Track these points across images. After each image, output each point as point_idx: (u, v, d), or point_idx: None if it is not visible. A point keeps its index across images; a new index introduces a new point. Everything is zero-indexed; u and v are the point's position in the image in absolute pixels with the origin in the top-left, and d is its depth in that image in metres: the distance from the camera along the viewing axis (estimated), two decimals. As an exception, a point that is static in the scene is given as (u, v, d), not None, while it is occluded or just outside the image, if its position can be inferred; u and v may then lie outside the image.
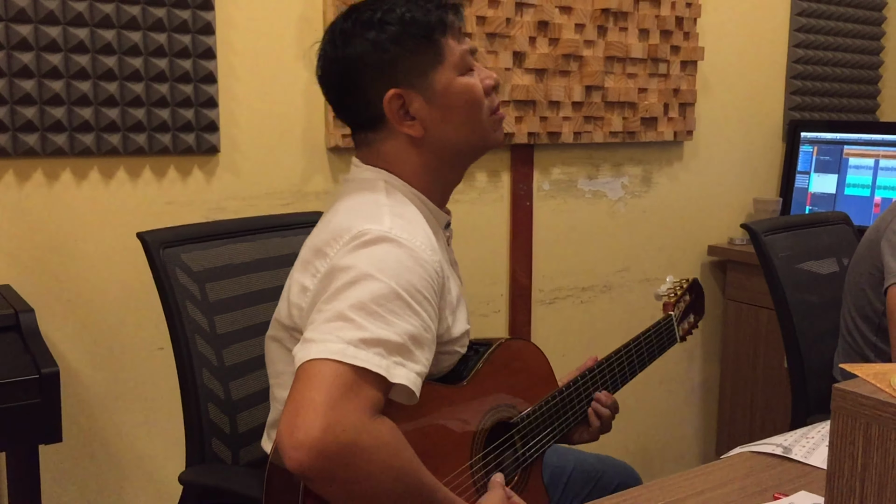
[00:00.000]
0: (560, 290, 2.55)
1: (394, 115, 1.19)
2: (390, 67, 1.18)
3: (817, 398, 1.94)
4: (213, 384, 1.43)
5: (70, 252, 1.82)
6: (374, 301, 1.02)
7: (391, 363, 1.01)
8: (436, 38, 1.19)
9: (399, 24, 1.18)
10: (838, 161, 2.86)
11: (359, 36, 1.19)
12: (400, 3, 1.20)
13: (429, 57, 1.19)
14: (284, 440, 0.95)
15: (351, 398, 0.96)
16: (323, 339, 1.00)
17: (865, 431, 0.67)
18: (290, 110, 2.03)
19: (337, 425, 0.94)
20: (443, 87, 1.19)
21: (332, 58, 1.22)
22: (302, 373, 0.99)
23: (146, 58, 1.82)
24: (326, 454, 0.93)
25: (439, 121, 1.20)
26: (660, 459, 2.83)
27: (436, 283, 1.11)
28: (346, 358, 0.98)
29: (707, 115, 2.79)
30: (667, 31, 2.58)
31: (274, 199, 2.03)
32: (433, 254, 1.13)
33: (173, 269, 1.42)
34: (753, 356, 2.82)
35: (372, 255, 1.06)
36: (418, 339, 1.05)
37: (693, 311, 1.63)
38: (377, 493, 0.98)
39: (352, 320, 1.00)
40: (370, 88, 1.19)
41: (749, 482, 1.13)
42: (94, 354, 1.86)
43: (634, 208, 2.67)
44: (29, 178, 1.76)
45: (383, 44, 1.17)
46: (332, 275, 1.07)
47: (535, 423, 1.31)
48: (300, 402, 0.96)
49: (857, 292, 1.86)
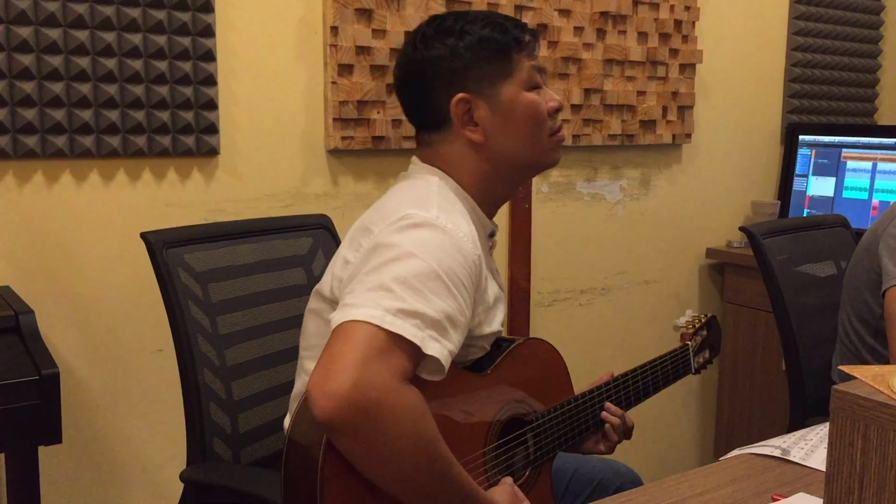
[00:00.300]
0: (559, 292, 2.55)
1: (459, 118, 1.25)
2: (462, 73, 1.25)
3: (815, 400, 1.95)
4: (214, 384, 1.44)
5: (70, 254, 1.82)
6: (415, 277, 1.06)
7: (426, 336, 1.04)
8: (509, 52, 1.26)
9: (477, 35, 1.25)
10: (836, 164, 2.87)
11: (438, 41, 1.26)
12: (480, 17, 1.27)
13: (500, 69, 1.25)
14: (315, 390, 0.98)
15: (383, 360, 1.00)
16: (362, 304, 1.03)
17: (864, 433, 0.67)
18: (289, 112, 2.04)
19: (367, 382, 0.97)
20: (509, 99, 1.25)
21: (410, 58, 1.28)
22: (339, 331, 1.02)
23: (146, 60, 1.82)
24: (354, 407, 0.97)
25: (501, 131, 1.25)
26: (658, 462, 2.83)
27: (473, 274, 1.16)
28: (384, 323, 1.01)
29: (705, 117, 2.80)
30: (665, 34, 2.59)
31: (273, 201, 2.04)
32: (474, 248, 1.17)
33: (176, 269, 1.43)
34: (751, 359, 2.82)
35: (416, 237, 1.11)
36: (453, 320, 1.08)
37: (709, 347, 1.66)
38: (397, 455, 1.01)
39: (392, 291, 1.04)
40: (441, 90, 1.25)
41: (748, 484, 1.13)
42: (94, 356, 1.87)
43: (633, 211, 2.68)
44: (29, 180, 1.77)
45: (459, 50, 1.24)
46: (375, 250, 1.12)
47: (550, 424, 1.33)
48: (334, 356, 1.00)
49: (854, 295, 1.87)
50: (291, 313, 1.59)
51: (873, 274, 1.79)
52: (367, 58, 2.07)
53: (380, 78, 2.09)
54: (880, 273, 1.75)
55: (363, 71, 2.07)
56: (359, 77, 2.07)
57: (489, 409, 1.24)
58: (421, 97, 1.28)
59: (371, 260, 1.10)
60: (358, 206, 2.15)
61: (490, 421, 1.24)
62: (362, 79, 2.07)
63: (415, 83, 1.28)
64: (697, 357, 1.62)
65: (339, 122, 2.06)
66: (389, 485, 1.04)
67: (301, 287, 1.61)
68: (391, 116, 2.12)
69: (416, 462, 1.02)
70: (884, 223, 1.80)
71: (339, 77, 2.04)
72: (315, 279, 1.63)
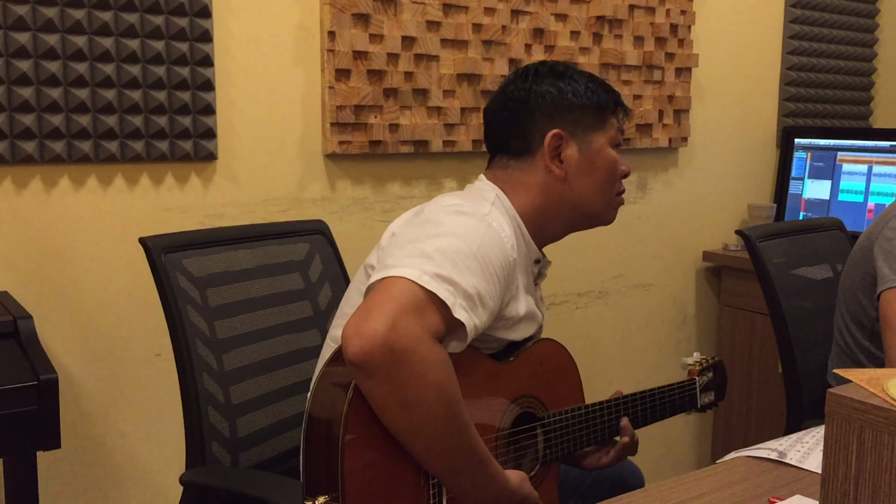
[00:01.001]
0: (556, 295, 2.56)
1: (549, 151, 1.33)
2: (564, 113, 1.34)
3: (812, 403, 1.96)
4: (213, 388, 1.44)
5: (68, 259, 1.82)
6: (454, 252, 1.13)
7: (457, 303, 1.10)
8: (607, 109, 1.37)
9: (584, 85, 1.36)
10: (832, 167, 2.88)
11: (549, 79, 1.36)
12: (587, 74, 1.39)
13: (596, 120, 1.36)
14: (351, 329, 1.04)
15: (418, 314, 1.06)
16: (403, 264, 1.10)
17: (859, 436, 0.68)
18: (287, 117, 2.04)
19: (402, 329, 1.03)
20: (596, 148, 1.35)
21: (514, 88, 1.37)
22: (378, 286, 1.09)
23: (144, 65, 1.82)
24: (389, 349, 1.02)
25: (581, 173, 1.34)
26: (655, 465, 2.84)
27: (507, 272, 1.22)
28: (421, 281, 1.08)
29: (702, 121, 2.81)
30: (661, 39, 2.60)
31: (271, 206, 2.04)
32: (512, 251, 1.24)
33: (174, 274, 1.43)
34: (748, 361, 2.83)
35: (462, 222, 1.20)
36: (483, 299, 1.15)
37: (713, 390, 1.67)
38: (421, 406, 1.05)
39: (432, 258, 1.11)
40: (539, 122, 1.34)
41: (745, 486, 1.14)
42: (92, 360, 1.87)
43: (629, 214, 2.69)
44: (27, 186, 1.77)
45: (567, 92, 1.34)
46: (422, 224, 1.21)
47: (561, 424, 1.36)
48: (373, 303, 1.06)
49: (850, 298, 1.87)
50: (289, 318, 1.59)
51: (868, 277, 1.79)
52: (364, 62, 2.07)
53: (377, 82, 2.10)
54: (875, 276, 1.76)
55: (360, 75, 2.07)
56: (356, 82, 2.07)
57: (503, 399, 1.27)
58: (515, 124, 1.35)
59: (416, 231, 1.19)
60: (355, 210, 2.16)
61: (503, 410, 1.27)
62: (360, 83, 2.08)
63: (514, 110, 1.35)
64: (703, 396, 1.63)
65: (336, 126, 2.07)
66: (408, 434, 1.07)
67: (298, 292, 1.62)
68: (388, 121, 2.13)
69: (437, 414, 1.07)
70: (879, 226, 1.80)
71: (336, 82, 2.05)
72: (312, 284, 1.64)
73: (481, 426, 1.22)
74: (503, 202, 1.32)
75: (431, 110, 2.20)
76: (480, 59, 2.25)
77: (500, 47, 2.29)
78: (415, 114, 2.17)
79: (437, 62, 2.19)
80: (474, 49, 2.25)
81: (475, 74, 2.25)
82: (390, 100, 2.13)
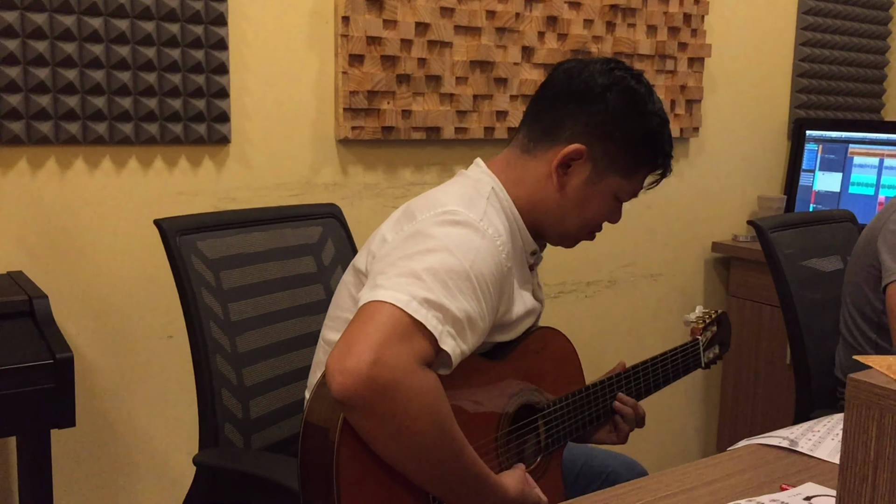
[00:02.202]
0: (565, 284, 2.56)
1: (562, 157, 1.25)
2: (605, 138, 1.26)
3: (821, 394, 1.96)
4: (226, 370, 1.45)
5: (82, 240, 1.83)
6: (446, 272, 1.08)
7: (444, 330, 1.06)
8: (646, 165, 1.30)
9: (644, 131, 1.27)
10: (843, 159, 2.88)
11: (623, 96, 1.26)
12: (659, 118, 1.29)
13: (627, 166, 1.28)
14: (334, 365, 1.00)
15: (404, 343, 1.02)
16: (392, 287, 1.05)
17: (879, 421, 0.68)
18: (300, 102, 2.05)
19: (386, 362, 0.99)
20: (604, 190, 1.29)
21: (589, 76, 1.27)
22: (364, 310, 1.04)
23: (159, 48, 1.83)
24: (371, 385, 0.98)
25: (573, 196, 1.28)
26: (662, 454, 2.85)
27: (502, 284, 1.17)
28: (409, 308, 1.03)
29: (713, 112, 2.80)
30: (674, 28, 2.59)
31: (283, 190, 2.05)
32: (507, 260, 1.19)
33: (189, 255, 1.44)
34: (756, 352, 2.83)
35: (455, 234, 1.13)
36: (473, 323, 1.10)
37: (719, 343, 1.67)
38: (412, 435, 1.03)
39: (422, 280, 1.06)
40: (577, 125, 1.26)
41: (756, 473, 1.15)
42: (106, 341, 1.88)
43: (639, 204, 2.69)
44: (42, 166, 1.78)
45: (624, 123, 1.25)
46: (414, 237, 1.14)
47: (561, 412, 1.35)
48: (357, 334, 1.02)
49: (855, 290, 1.87)
50: (301, 301, 1.60)
51: (873, 270, 1.79)
52: (377, 48, 2.07)
53: (390, 68, 2.10)
54: (880, 268, 1.76)
55: (374, 61, 2.08)
56: (369, 67, 2.07)
57: (502, 396, 1.25)
58: (563, 114, 1.26)
59: (408, 245, 1.13)
60: (367, 196, 2.16)
61: (502, 407, 1.26)
62: (373, 69, 2.08)
63: (570, 94, 1.27)
64: (707, 352, 1.63)
65: (349, 111, 2.07)
66: (402, 463, 1.06)
67: (311, 275, 1.63)
68: (401, 107, 2.13)
69: (430, 443, 1.04)
70: (882, 219, 1.80)
71: (349, 67, 2.05)
72: (325, 268, 1.64)
73: (482, 429, 1.21)
74: (499, 195, 1.26)
75: (444, 97, 2.20)
76: (494, 46, 2.25)
77: (514, 34, 2.29)
78: (427, 100, 2.17)
79: (451, 49, 2.19)
80: (487, 36, 2.24)
81: (488, 61, 2.25)
82: (403, 86, 2.13)
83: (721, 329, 1.68)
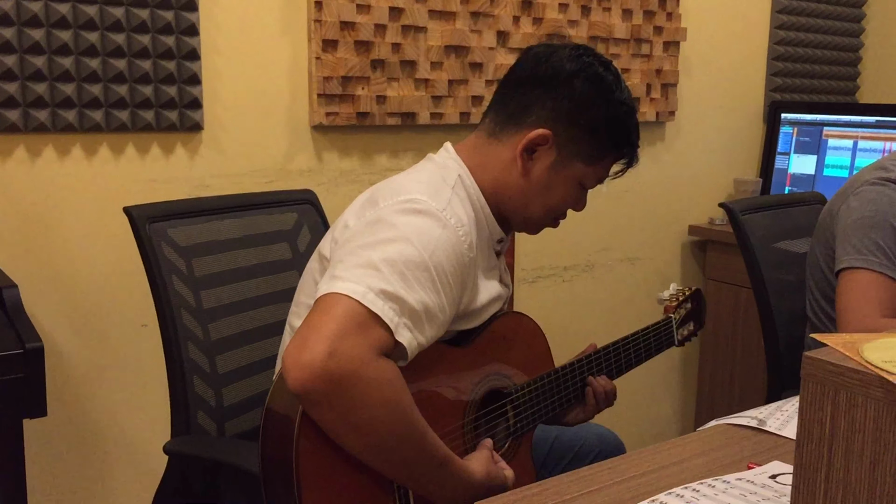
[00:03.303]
0: (542, 268, 2.57)
1: (527, 141, 1.25)
2: (569, 124, 1.25)
3: (791, 374, 1.98)
4: (198, 358, 1.44)
5: (53, 228, 1.82)
6: (404, 263, 1.07)
7: (401, 322, 1.05)
8: (612, 152, 1.29)
9: (611, 118, 1.26)
10: (818, 142, 2.90)
11: (589, 83, 1.25)
12: (629, 103, 1.28)
13: (592, 152, 1.27)
14: (290, 360, 1.00)
15: (360, 334, 1.01)
16: (349, 278, 1.05)
17: (833, 398, 0.69)
18: (273, 88, 2.04)
19: (342, 353, 0.99)
20: (569, 175, 1.28)
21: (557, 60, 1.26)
22: (321, 302, 1.04)
23: (129, 34, 1.81)
24: (328, 378, 0.98)
25: (537, 182, 1.27)
26: (639, 436, 2.87)
27: (463, 275, 1.16)
28: (364, 300, 1.03)
29: (689, 95, 2.81)
30: (650, 12, 2.59)
31: (257, 177, 2.04)
32: (469, 250, 1.18)
33: (159, 243, 1.43)
34: (732, 334, 2.86)
35: (416, 224, 1.12)
36: (431, 314, 1.09)
37: (693, 320, 1.68)
38: (371, 425, 1.02)
39: (380, 271, 1.06)
40: (543, 109, 1.25)
41: (725, 452, 1.16)
42: (78, 330, 1.87)
43: (616, 188, 2.69)
44: (11, 155, 1.76)
45: (589, 109, 1.24)
46: (375, 224, 1.13)
47: (529, 396, 1.34)
48: (312, 327, 1.01)
49: (817, 273, 1.88)
50: (276, 288, 1.60)
51: (830, 251, 1.80)
52: (351, 33, 2.06)
53: (364, 53, 2.09)
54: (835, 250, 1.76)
55: (348, 46, 2.07)
56: (343, 52, 2.06)
57: (468, 382, 1.25)
58: (529, 99, 1.26)
59: (368, 233, 1.12)
60: (342, 183, 2.16)
61: (469, 393, 1.25)
62: (347, 54, 2.07)
63: (539, 87, 1.25)
64: (681, 329, 1.63)
65: (323, 97, 2.06)
66: (364, 454, 1.05)
67: (286, 262, 1.62)
68: (375, 92, 2.12)
69: (391, 432, 1.04)
70: (837, 204, 1.79)
71: (323, 52, 2.04)
72: (300, 254, 1.64)
73: (448, 417, 1.21)
74: (465, 183, 1.25)
75: (419, 82, 2.20)
76: (468, 30, 2.24)
77: (488, 19, 2.28)
78: (402, 86, 2.17)
79: (425, 34, 2.18)
80: (462, 21, 2.24)
81: (463, 46, 2.24)
82: (377, 71, 2.12)
83: (696, 306, 1.68)
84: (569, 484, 1.04)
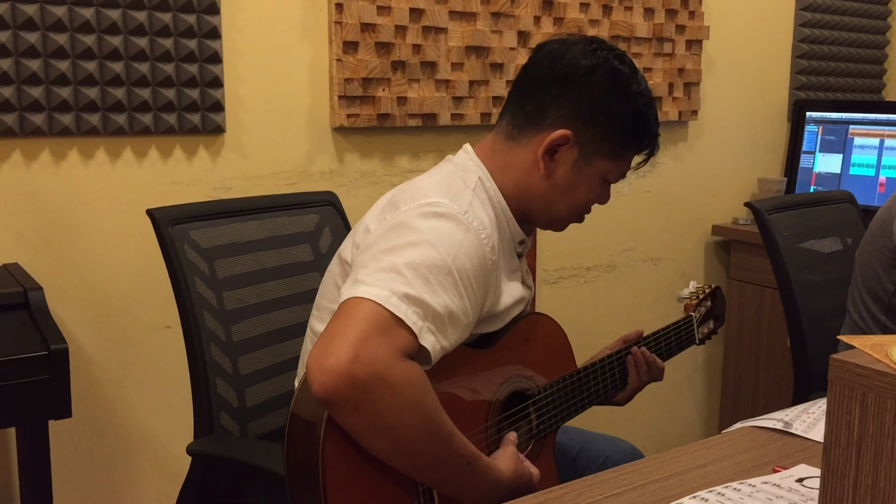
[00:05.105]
0: (564, 269, 2.56)
1: (548, 143, 1.23)
2: (589, 123, 1.23)
3: (819, 376, 1.95)
4: (221, 359, 1.45)
5: (77, 231, 1.83)
6: (427, 267, 1.07)
7: (424, 326, 1.05)
8: (633, 146, 1.28)
9: (632, 110, 1.25)
10: (843, 140, 2.86)
11: (607, 79, 1.23)
12: (645, 98, 1.26)
13: (614, 148, 1.26)
14: (314, 364, 0.99)
15: (384, 337, 1.01)
16: (372, 282, 1.04)
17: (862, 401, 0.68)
18: (294, 90, 2.04)
19: (366, 357, 0.98)
20: (592, 173, 1.27)
21: (572, 58, 1.24)
22: (344, 307, 1.04)
23: (151, 38, 1.82)
24: (353, 382, 0.98)
25: (562, 183, 1.26)
26: (663, 438, 2.85)
27: (486, 278, 1.16)
28: (388, 304, 1.02)
29: (712, 94, 2.79)
30: (672, 11, 2.57)
31: (279, 179, 2.04)
32: (492, 253, 1.17)
33: (182, 245, 1.44)
34: (757, 335, 2.83)
35: (438, 227, 1.11)
36: (455, 318, 1.09)
37: (713, 318, 1.66)
38: (398, 428, 1.02)
39: (403, 275, 1.05)
40: (561, 110, 1.23)
41: (750, 455, 1.14)
42: (102, 332, 1.88)
43: (639, 188, 2.68)
44: (36, 158, 1.78)
45: (608, 105, 1.23)
46: (397, 228, 1.12)
47: (552, 397, 1.34)
48: (336, 331, 1.01)
49: (867, 272, 1.86)
50: (298, 289, 1.60)
51: (887, 251, 1.78)
52: (371, 35, 2.06)
53: (385, 55, 2.09)
54: (894, 251, 1.75)
55: (368, 48, 2.07)
56: (364, 54, 2.06)
57: (491, 385, 1.25)
58: (547, 100, 1.24)
59: (390, 237, 1.11)
60: (363, 184, 2.16)
61: (492, 396, 1.25)
62: (367, 56, 2.07)
63: (556, 87, 1.24)
64: (702, 328, 1.62)
65: (344, 99, 2.07)
66: (391, 456, 1.05)
67: (308, 263, 1.62)
68: (396, 94, 2.12)
69: (417, 434, 1.03)
70: None
71: (343, 54, 2.04)
72: (322, 256, 1.64)
73: (472, 419, 1.21)
74: (486, 185, 1.24)
75: (439, 83, 2.19)
76: (489, 31, 2.24)
77: (509, 19, 2.27)
78: (423, 87, 2.17)
79: (446, 34, 2.18)
80: (483, 21, 2.23)
81: (483, 47, 2.24)
82: (398, 72, 2.12)
83: (715, 303, 1.67)
84: (591, 487, 1.04)
